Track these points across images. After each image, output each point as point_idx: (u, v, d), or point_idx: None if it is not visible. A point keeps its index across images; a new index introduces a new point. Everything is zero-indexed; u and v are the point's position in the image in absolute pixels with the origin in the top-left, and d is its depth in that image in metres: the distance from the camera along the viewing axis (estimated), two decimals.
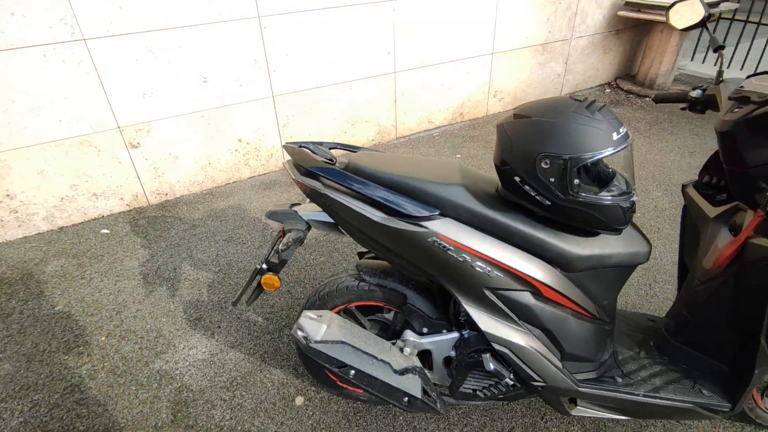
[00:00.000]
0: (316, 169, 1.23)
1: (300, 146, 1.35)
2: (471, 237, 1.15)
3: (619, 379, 1.34)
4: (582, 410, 1.37)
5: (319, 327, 1.30)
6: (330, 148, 1.42)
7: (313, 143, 1.38)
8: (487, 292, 1.19)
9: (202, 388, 1.75)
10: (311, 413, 1.65)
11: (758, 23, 4.23)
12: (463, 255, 1.15)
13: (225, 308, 2.11)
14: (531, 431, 1.57)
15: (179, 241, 2.55)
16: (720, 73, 1.34)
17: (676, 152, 3.35)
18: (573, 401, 1.37)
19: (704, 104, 1.36)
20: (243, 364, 1.85)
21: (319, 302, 1.46)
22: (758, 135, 1.13)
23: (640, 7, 3.94)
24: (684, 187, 1.48)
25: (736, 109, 1.18)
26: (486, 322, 1.22)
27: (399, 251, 1.21)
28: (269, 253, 1.40)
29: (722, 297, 1.30)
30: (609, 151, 1.04)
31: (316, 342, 1.27)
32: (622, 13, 4.05)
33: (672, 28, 1.47)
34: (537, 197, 1.11)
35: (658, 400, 1.30)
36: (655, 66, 4.19)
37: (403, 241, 1.18)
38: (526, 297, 1.20)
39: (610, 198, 1.08)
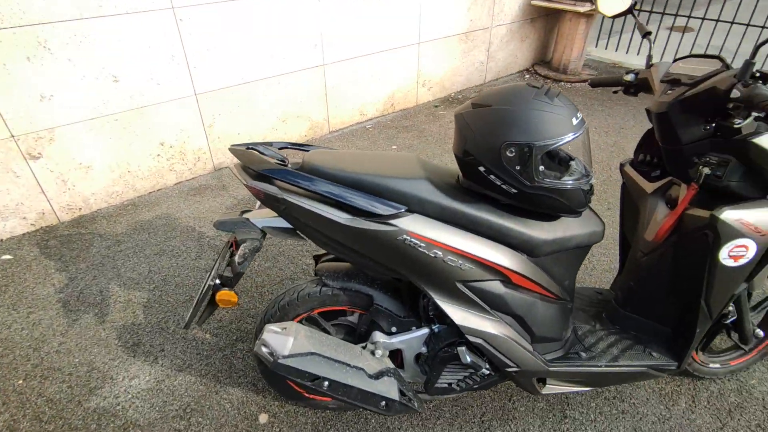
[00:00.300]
0: (269, 171, 1.13)
1: (248, 148, 1.24)
2: (441, 231, 1.13)
3: (583, 354, 1.40)
4: (551, 388, 1.41)
5: (286, 340, 1.22)
6: (280, 148, 1.32)
7: (262, 144, 1.28)
8: (460, 286, 1.18)
9: (151, 421, 1.58)
10: (278, 430, 1.56)
11: (660, 12, 4.65)
12: (435, 251, 1.12)
13: (166, 329, 1.93)
14: (501, 414, 1.60)
15: (102, 260, 2.28)
16: (649, 57, 1.43)
17: (599, 132, 3.61)
18: (542, 381, 1.41)
19: (637, 87, 1.44)
20: (195, 387, 1.70)
21: (279, 313, 1.37)
22: (690, 114, 1.21)
23: None
24: (621, 165, 1.57)
25: (669, 91, 1.26)
26: (460, 316, 1.21)
27: (367, 252, 1.15)
28: (221, 267, 1.28)
29: (664, 266, 1.40)
30: (570, 136, 1.06)
31: (284, 357, 1.19)
32: (535, 2, 4.26)
33: (602, 14, 1.54)
34: (503, 186, 1.11)
35: (616, 368, 1.38)
36: (567, 52, 4.47)
37: (371, 241, 1.12)
38: (497, 286, 1.21)
39: (571, 182, 1.11)
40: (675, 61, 1.35)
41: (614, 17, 1.50)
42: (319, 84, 3.29)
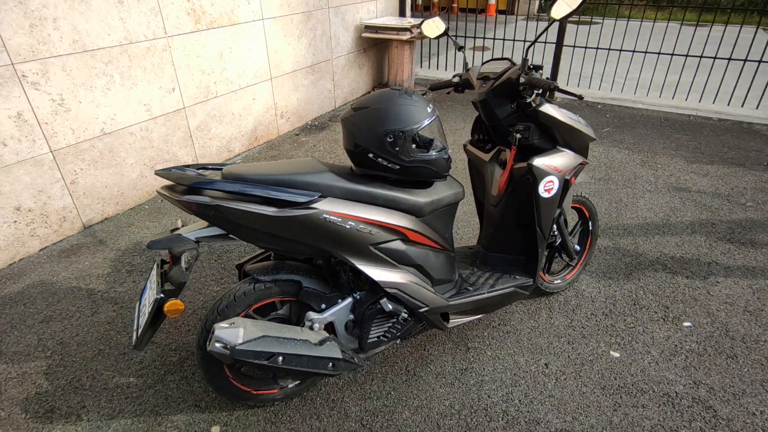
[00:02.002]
0: (201, 184, 1.31)
1: (171, 170, 1.39)
2: (350, 207, 1.43)
3: (470, 288, 1.82)
4: (454, 321, 1.79)
5: (237, 331, 1.38)
6: (197, 170, 1.48)
7: (181, 166, 1.43)
8: (372, 249, 1.48)
9: None
10: None
11: (463, 36, 5.66)
12: (349, 223, 1.41)
13: (82, 386, 1.84)
14: (421, 361, 1.93)
15: None
16: (465, 64, 1.95)
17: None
18: (446, 318, 1.78)
19: (462, 86, 1.95)
20: (134, 427, 1.68)
21: (220, 317, 1.50)
22: (500, 98, 1.73)
23: (376, 30, 4.84)
24: (464, 146, 2.06)
25: (483, 85, 1.77)
26: (377, 273, 1.51)
27: (296, 237, 1.39)
28: (159, 283, 1.38)
29: (508, 210, 1.90)
30: (428, 121, 1.46)
31: (239, 344, 1.35)
32: (365, 35, 4.89)
33: (427, 37, 2.03)
34: (388, 165, 1.46)
35: (495, 293, 1.82)
36: (399, 74, 5.19)
37: (298, 226, 1.37)
38: (399, 244, 1.54)
39: (435, 154, 1.51)
40: (483, 64, 1.88)
41: (436, 38, 2.00)
42: (183, 127, 3.35)
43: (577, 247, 2.21)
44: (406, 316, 1.63)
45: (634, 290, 2.32)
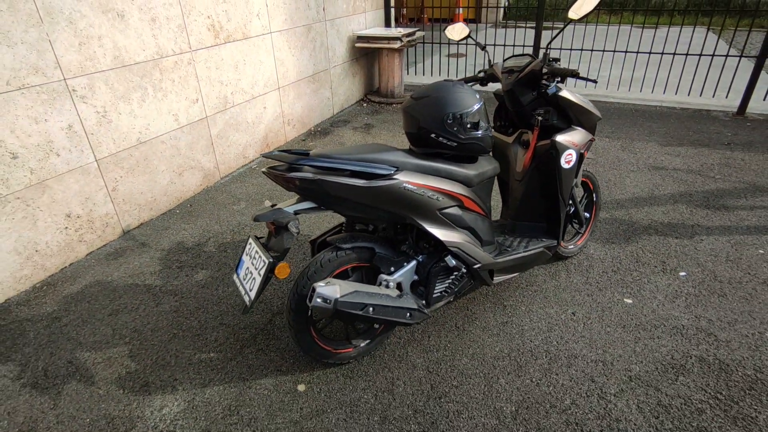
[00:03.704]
0: (304, 161, 1.56)
1: (273, 152, 1.63)
2: (422, 178, 1.71)
3: (509, 249, 2.12)
4: (498, 278, 2.09)
5: (334, 287, 1.63)
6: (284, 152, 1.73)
7: (278, 150, 1.67)
8: (438, 213, 1.77)
9: (203, 429, 1.74)
10: (318, 389, 1.88)
11: (438, 43, 6.06)
12: (423, 190, 1.70)
13: (168, 364, 2.03)
14: (468, 320, 2.22)
15: (50, 338, 2.19)
16: (489, 61, 2.28)
17: None
18: (491, 276, 2.08)
19: (486, 80, 2.27)
20: (227, 392, 1.89)
21: (309, 282, 1.75)
22: (524, 87, 2.06)
23: (368, 39, 5.17)
24: None
25: (509, 77, 2.10)
26: (443, 234, 1.79)
27: (380, 204, 1.66)
28: (263, 252, 1.62)
29: (532, 183, 2.22)
30: (477, 105, 1.77)
31: (340, 298, 1.60)
32: (358, 44, 5.21)
33: (451, 39, 2.35)
34: (448, 143, 1.75)
35: (530, 252, 2.13)
36: (390, 81, 5.52)
37: (383, 194, 1.64)
38: (457, 210, 1.84)
39: (482, 133, 1.81)
40: (505, 60, 2.22)
41: (460, 41, 2.32)
42: (206, 136, 3.55)
43: (587, 215, 2.56)
44: (464, 271, 1.92)
45: (635, 251, 2.69)
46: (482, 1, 12.46)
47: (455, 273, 1.91)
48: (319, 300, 1.60)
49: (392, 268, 1.86)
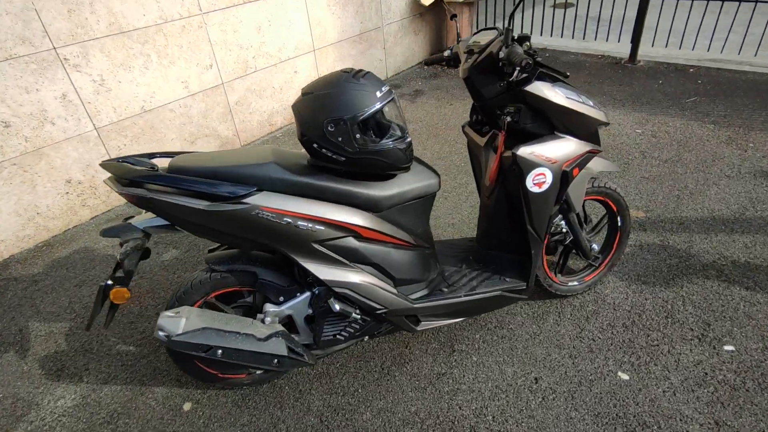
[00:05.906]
0: (137, 177, 1.30)
1: (119, 161, 1.40)
2: (288, 202, 1.33)
3: (445, 290, 1.65)
4: (425, 324, 1.65)
5: (178, 321, 1.39)
6: (150, 158, 1.48)
7: (132, 156, 1.43)
8: (316, 245, 1.39)
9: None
10: (201, 413, 1.71)
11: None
12: (285, 219, 1.33)
13: (90, 349, 2.03)
14: (399, 359, 1.82)
15: (19, 301, 2.34)
16: (458, 35, 1.71)
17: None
18: (415, 318, 1.64)
19: (454, 60, 1.71)
20: (121, 394, 1.81)
21: (177, 303, 1.53)
22: (484, 76, 1.49)
23: None
24: (463, 127, 1.83)
25: (468, 60, 1.54)
26: (323, 271, 1.41)
27: (231, 231, 1.34)
28: (114, 270, 1.42)
29: (500, 203, 1.67)
30: (376, 106, 1.30)
31: (177, 335, 1.35)
32: None
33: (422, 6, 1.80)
34: (333, 156, 1.33)
35: (475, 296, 1.63)
36: (455, 39, 4.82)
37: (231, 220, 1.31)
38: (350, 241, 1.43)
39: (391, 143, 1.34)
40: (474, 34, 1.63)
41: (429, 6, 1.76)
42: (222, 103, 3.44)
43: (595, 247, 1.90)
44: (358, 317, 1.53)
45: (672, 299, 1.96)
46: None
47: (346, 318, 1.53)
48: (160, 333, 1.37)
49: (281, 298, 1.55)
